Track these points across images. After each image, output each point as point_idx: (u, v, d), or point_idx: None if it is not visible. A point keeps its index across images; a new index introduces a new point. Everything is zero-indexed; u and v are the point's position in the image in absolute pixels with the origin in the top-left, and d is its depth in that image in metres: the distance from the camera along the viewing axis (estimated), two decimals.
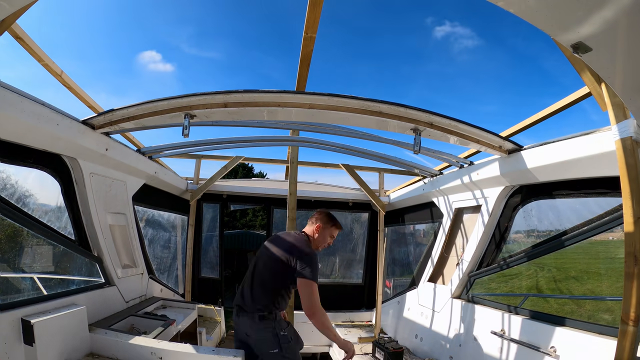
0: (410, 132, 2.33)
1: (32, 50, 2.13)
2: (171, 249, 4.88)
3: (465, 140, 2.39)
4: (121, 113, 2.34)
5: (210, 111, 2.23)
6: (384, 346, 3.08)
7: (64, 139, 2.25)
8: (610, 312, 2.32)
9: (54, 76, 2.38)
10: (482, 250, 3.02)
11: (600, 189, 2.09)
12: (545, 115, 2.38)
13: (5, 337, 1.86)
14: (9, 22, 1.64)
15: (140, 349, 2.26)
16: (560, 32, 1.03)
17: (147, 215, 4.24)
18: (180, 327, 3.27)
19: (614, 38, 1.01)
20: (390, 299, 4.56)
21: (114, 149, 2.76)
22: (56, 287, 2.60)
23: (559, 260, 2.85)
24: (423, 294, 3.73)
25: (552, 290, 3.01)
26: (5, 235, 2.30)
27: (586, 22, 0.96)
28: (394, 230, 5.17)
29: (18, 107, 1.84)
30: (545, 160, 2.23)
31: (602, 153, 1.85)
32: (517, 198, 2.75)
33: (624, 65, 1.16)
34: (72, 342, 2.20)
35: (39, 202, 2.49)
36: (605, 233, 2.10)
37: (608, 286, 2.49)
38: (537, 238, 2.68)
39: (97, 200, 2.80)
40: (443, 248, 3.62)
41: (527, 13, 0.99)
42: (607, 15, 0.92)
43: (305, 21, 1.91)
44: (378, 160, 3.64)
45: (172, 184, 4.10)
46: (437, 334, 3.27)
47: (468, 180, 3.02)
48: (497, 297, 2.97)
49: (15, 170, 2.22)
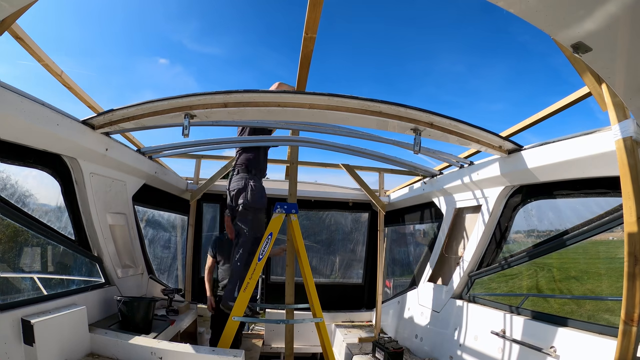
0: (411, 132, 2.33)
1: (32, 50, 2.13)
2: (171, 249, 4.88)
3: (466, 140, 2.39)
4: (121, 113, 2.34)
5: (210, 111, 2.23)
6: (384, 346, 3.08)
7: (64, 139, 2.25)
8: (611, 312, 2.32)
9: (54, 76, 2.38)
10: (482, 250, 3.02)
11: (600, 189, 2.09)
12: (546, 115, 2.38)
13: (5, 337, 1.86)
14: (9, 22, 1.64)
15: (140, 349, 2.27)
16: (561, 32, 1.03)
17: (147, 215, 4.24)
18: (180, 327, 3.27)
19: (614, 38, 1.01)
20: (391, 299, 4.56)
21: (114, 149, 2.76)
22: (56, 287, 2.60)
23: (559, 260, 2.85)
24: (423, 294, 3.73)
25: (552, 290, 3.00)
26: (5, 235, 2.30)
27: (586, 21, 0.96)
28: (394, 230, 5.17)
29: (18, 107, 1.84)
30: (545, 160, 2.23)
31: (602, 153, 1.85)
32: (517, 198, 2.75)
33: (624, 65, 1.16)
34: (72, 342, 2.20)
35: (39, 202, 2.49)
36: (605, 233, 2.10)
37: (608, 286, 2.48)
38: (537, 238, 2.68)
39: (97, 200, 2.80)
40: (443, 248, 3.62)
41: (527, 13, 0.99)
42: (607, 14, 0.92)
43: (305, 22, 1.91)
44: (378, 160, 3.64)
45: (172, 184, 4.10)
46: (437, 334, 3.27)
47: (468, 180, 3.02)
48: (497, 297, 2.97)
49: (15, 170, 2.22)
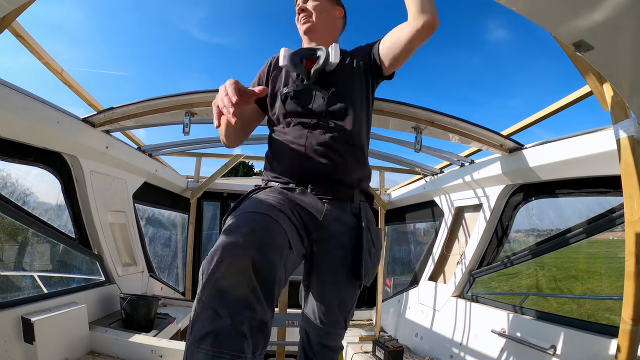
0: (411, 131, 2.32)
1: (32, 48, 2.12)
2: (171, 247, 4.89)
3: (467, 139, 2.39)
4: (122, 111, 2.33)
5: (211, 109, 2.23)
6: (384, 345, 3.08)
7: (64, 137, 2.25)
8: (611, 311, 2.32)
9: (54, 74, 2.37)
10: (483, 248, 3.01)
11: (601, 188, 2.09)
12: (546, 114, 2.37)
13: (5, 336, 1.86)
14: (9, 20, 1.64)
15: (140, 347, 2.27)
16: (562, 30, 1.02)
17: (148, 214, 4.24)
18: (180, 325, 3.28)
19: (616, 36, 1.01)
20: (391, 298, 4.56)
21: (115, 147, 2.76)
22: (56, 285, 2.60)
23: (559, 260, 2.85)
24: (423, 293, 3.73)
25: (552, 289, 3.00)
26: (5, 233, 2.30)
27: (588, 20, 0.95)
28: (395, 228, 5.17)
29: (18, 104, 1.84)
30: (546, 159, 2.23)
31: (603, 152, 1.85)
32: (518, 196, 2.75)
33: (626, 64, 1.15)
34: (72, 340, 2.20)
35: (39, 200, 2.49)
36: (606, 232, 2.10)
37: (608, 285, 2.48)
38: (537, 237, 2.68)
39: (98, 199, 2.81)
40: (444, 247, 3.62)
41: (529, 11, 0.98)
42: (609, 12, 0.91)
43: None
44: (378, 158, 3.63)
45: (172, 182, 4.10)
46: (437, 333, 3.27)
47: (469, 179, 3.02)
48: (498, 296, 2.97)
49: (15, 168, 2.22)
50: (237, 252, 0.87)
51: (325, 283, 1.27)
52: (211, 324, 0.83)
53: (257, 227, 0.94)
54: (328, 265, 1.25)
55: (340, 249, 1.23)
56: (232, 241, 0.89)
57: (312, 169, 1.22)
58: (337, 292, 1.27)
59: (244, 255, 0.87)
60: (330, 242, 1.22)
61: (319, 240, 1.22)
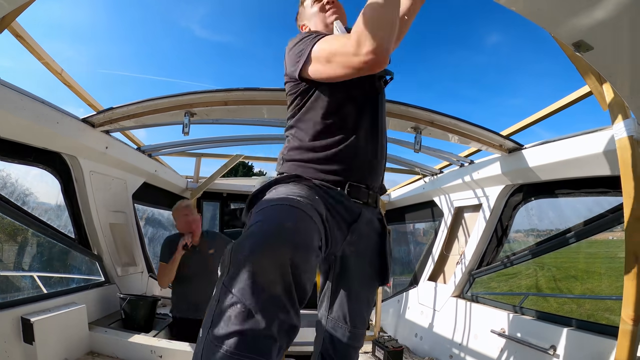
0: (411, 131, 2.32)
1: (32, 48, 2.12)
2: None
3: (466, 139, 2.39)
4: (121, 111, 2.33)
5: (211, 109, 2.23)
6: (383, 345, 3.08)
7: (63, 137, 2.24)
8: (610, 311, 2.32)
9: (54, 74, 2.37)
10: (482, 248, 3.02)
11: (600, 188, 2.09)
12: (547, 114, 2.36)
13: (5, 336, 1.86)
14: (9, 20, 1.63)
15: (140, 347, 2.27)
16: (562, 30, 1.02)
17: (147, 214, 4.24)
18: None
19: (616, 37, 1.01)
20: (390, 298, 4.56)
21: (114, 147, 2.76)
22: (56, 286, 2.60)
23: (559, 260, 2.85)
24: (423, 293, 3.73)
25: (552, 289, 3.01)
26: (5, 233, 2.30)
27: (588, 20, 0.95)
28: (394, 228, 5.16)
29: (18, 105, 1.84)
30: (546, 159, 2.23)
31: (602, 152, 1.85)
32: (518, 197, 2.75)
33: (625, 64, 1.15)
34: (71, 340, 2.20)
35: (39, 201, 2.49)
36: (605, 232, 2.10)
37: (608, 285, 2.49)
38: (537, 237, 2.68)
39: (97, 199, 2.80)
40: (443, 247, 3.62)
41: (529, 11, 0.99)
42: (609, 13, 0.92)
43: None
44: None
45: (172, 182, 4.09)
46: (437, 333, 3.27)
47: (469, 179, 3.02)
48: (497, 296, 2.97)
49: (15, 169, 2.22)
50: (278, 245, 0.79)
51: (360, 285, 1.31)
52: (241, 323, 0.74)
53: (300, 225, 0.88)
54: (360, 267, 1.29)
55: (370, 251, 1.29)
56: (273, 232, 0.81)
57: (365, 173, 1.25)
58: (366, 293, 1.33)
59: (285, 250, 0.78)
60: (362, 244, 1.26)
61: (353, 242, 1.23)
